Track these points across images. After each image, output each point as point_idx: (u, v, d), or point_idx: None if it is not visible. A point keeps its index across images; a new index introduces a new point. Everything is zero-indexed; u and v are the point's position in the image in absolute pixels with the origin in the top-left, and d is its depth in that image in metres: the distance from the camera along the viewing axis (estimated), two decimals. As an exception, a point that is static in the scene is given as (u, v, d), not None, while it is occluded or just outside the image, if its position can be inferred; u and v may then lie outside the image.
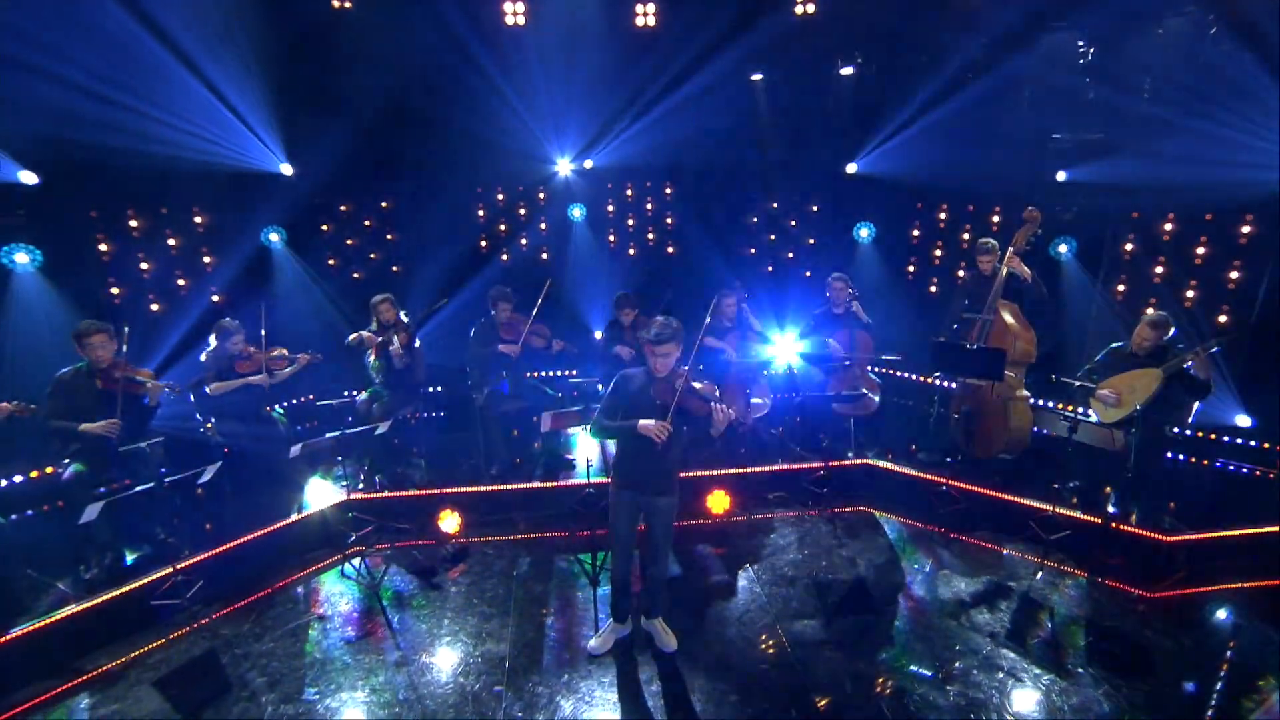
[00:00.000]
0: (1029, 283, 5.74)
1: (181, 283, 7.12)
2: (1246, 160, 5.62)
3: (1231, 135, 5.61)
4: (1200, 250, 6.34)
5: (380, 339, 6.22)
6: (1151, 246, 6.58)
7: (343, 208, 8.16)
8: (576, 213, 8.62)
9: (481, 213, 8.63)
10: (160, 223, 7.06)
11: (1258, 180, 5.59)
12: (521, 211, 8.72)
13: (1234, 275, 6.15)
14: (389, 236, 8.49)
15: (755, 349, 6.51)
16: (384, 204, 8.34)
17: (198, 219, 7.23)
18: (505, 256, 8.70)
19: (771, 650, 4.40)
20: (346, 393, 6.66)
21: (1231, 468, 5.95)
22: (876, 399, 6.45)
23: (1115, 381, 5.25)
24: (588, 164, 8.41)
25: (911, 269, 8.09)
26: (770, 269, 8.73)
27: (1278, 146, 5.51)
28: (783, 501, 6.09)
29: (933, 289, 7.99)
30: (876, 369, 6.70)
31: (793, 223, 8.74)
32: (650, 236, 9.08)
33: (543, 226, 8.78)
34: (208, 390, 5.74)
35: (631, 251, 9.04)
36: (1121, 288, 6.78)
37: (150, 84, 6.08)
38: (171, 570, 4.79)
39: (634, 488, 4.06)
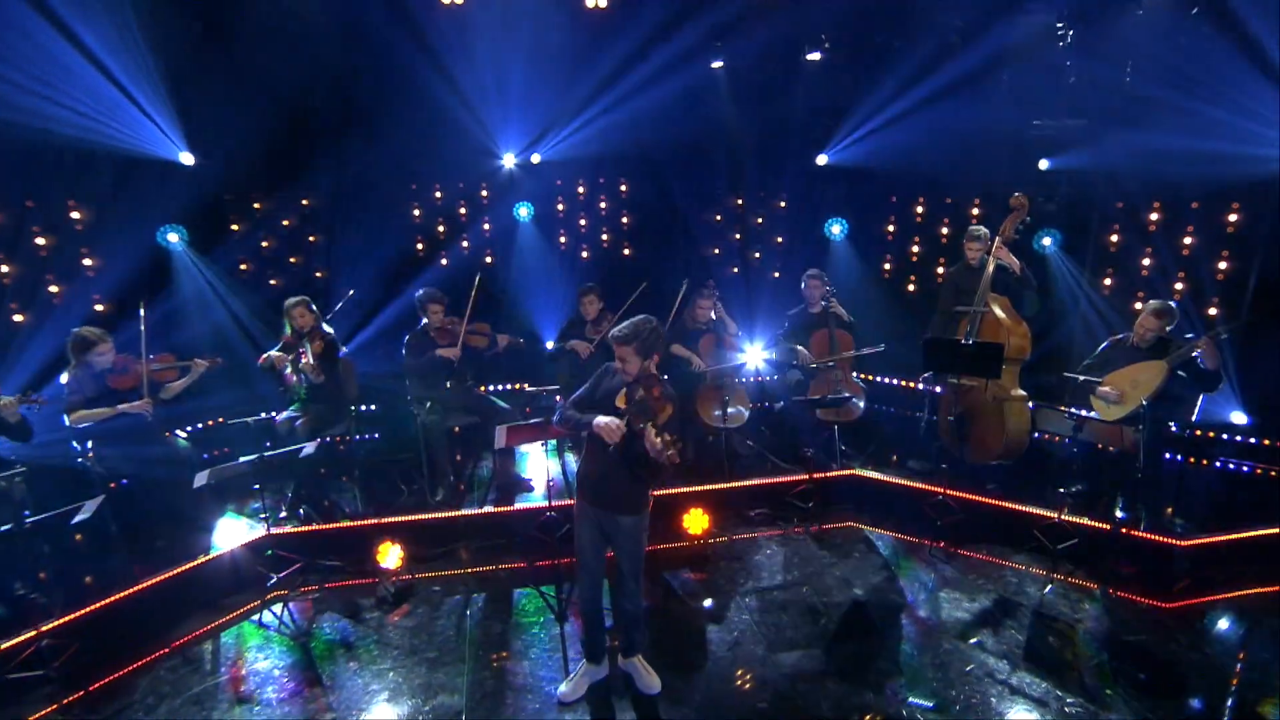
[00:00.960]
0: (1018, 275, 5.63)
1: (54, 289, 6.36)
2: (1231, 142, 5.69)
3: (1215, 117, 5.67)
4: (1187, 240, 6.39)
5: (291, 356, 5.67)
6: (1138, 237, 6.61)
7: (256, 205, 7.56)
8: (523, 212, 8.25)
9: (417, 212, 8.16)
10: (26, 218, 6.27)
11: (1242, 157, 5.65)
12: (462, 211, 8.29)
13: (1223, 266, 6.21)
14: (311, 238, 7.91)
15: (733, 354, 6.26)
16: (305, 201, 7.78)
17: (75, 214, 6.50)
18: (445, 260, 8.24)
19: (767, 686, 4.08)
20: (265, 413, 6.08)
21: (1231, 466, 5.94)
22: (861, 404, 6.27)
23: (1117, 376, 5.17)
24: (535, 158, 8.06)
25: (887, 266, 8.00)
26: (736, 269, 8.52)
27: (1261, 127, 5.57)
28: (765, 519, 5.85)
29: (910, 287, 7.90)
30: (859, 374, 6.49)
31: (759, 220, 8.57)
32: (605, 237, 8.76)
33: (486, 227, 8.36)
34: (67, 421, 4.92)
35: (584, 254, 8.71)
36: (1108, 281, 6.79)
37: (6, 39, 5.26)
38: (34, 634, 4.12)
39: (595, 502, 3.75)
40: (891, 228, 7.98)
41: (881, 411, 6.89)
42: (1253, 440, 6.01)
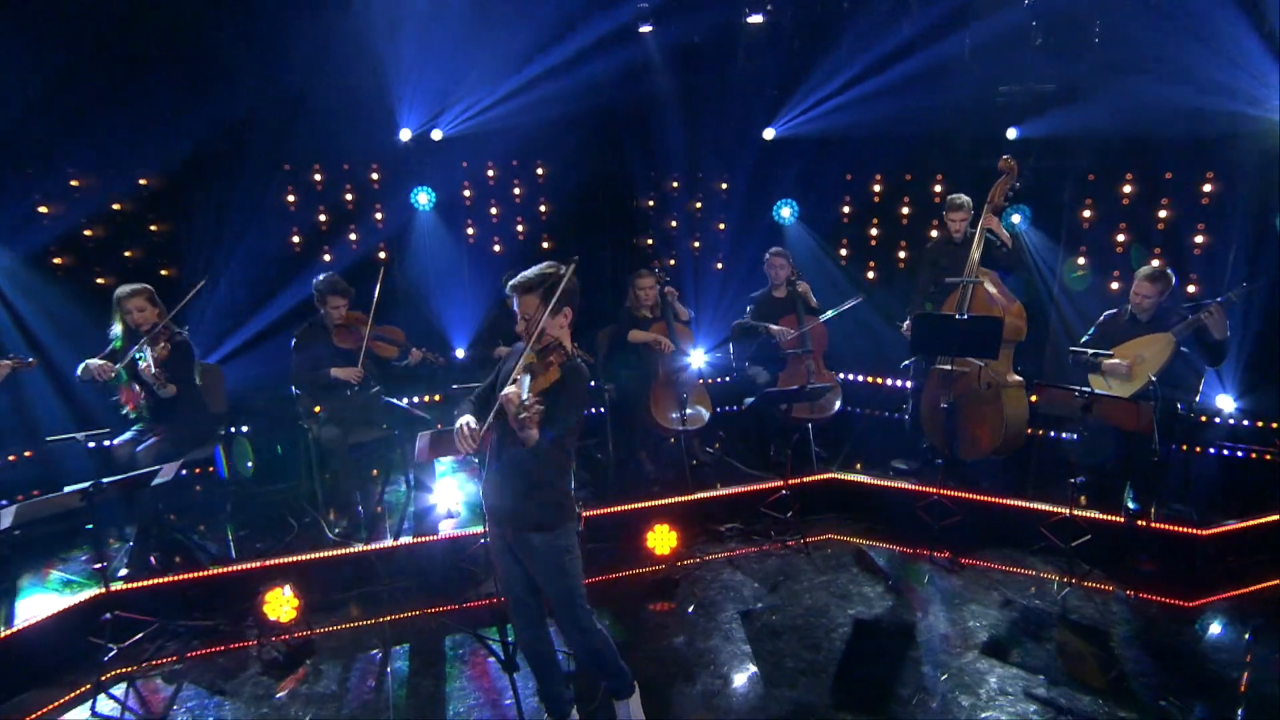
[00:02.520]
0: (1007, 249, 5.50)
1: None
2: (1204, 101, 5.79)
3: (1192, 72, 5.76)
4: (1162, 214, 6.51)
5: (119, 365, 4.74)
6: (1111, 212, 6.69)
7: (75, 182, 6.53)
8: (422, 199, 7.62)
9: (293, 197, 7.36)
10: None
11: (1221, 113, 5.77)
12: (349, 197, 7.56)
13: (1199, 240, 6.34)
14: (152, 226, 6.95)
15: (686, 344, 5.85)
16: (143, 180, 6.80)
17: None
18: (328, 256, 7.46)
19: (780, 730, 3.60)
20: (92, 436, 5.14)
21: (1225, 452, 5.99)
22: (837, 402, 6.03)
23: (1121, 351, 5.07)
24: (436, 135, 7.45)
25: (844, 252, 7.86)
26: (673, 261, 8.17)
27: (1234, 86, 5.71)
28: (739, 534, 5.49)
29: (870, 274, 7.79)
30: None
31: (698, 204, 8.28)
32: (520, 228, 8.26)
33: (378, 216, 7.66)
34: None
35: (497, 248, 8.17)
36: (1082, 260, 6.82)
37: None
38: None
39: (499, 519, 3.22)
40: (847, 209, 7.86)
41: (849, 412, 6.67)
42: (1245, 423, 6.09)
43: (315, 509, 5.43)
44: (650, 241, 8.35)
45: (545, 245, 8.23)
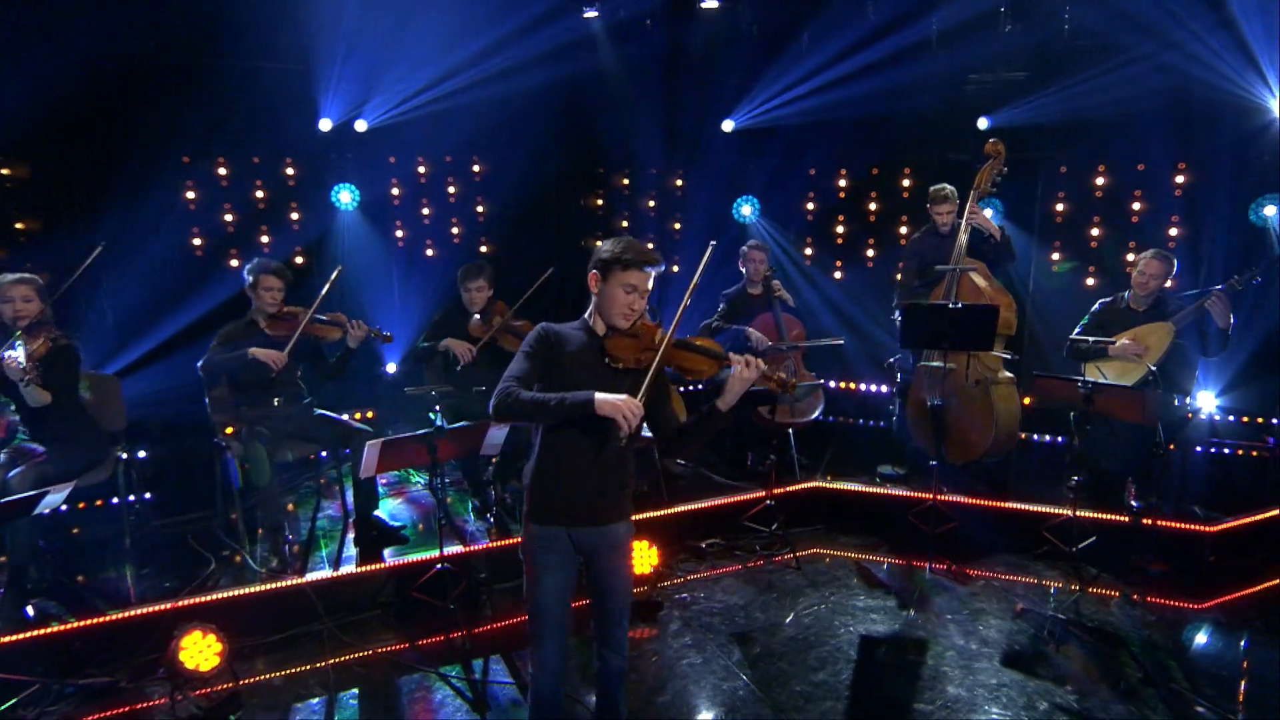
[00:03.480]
0: (997, 241, 5.48)
1: None
2: (1174, 87, 6.01)
3: (1161, 62, 5.96)
4: (1136, 206, 6.66)
5: None
6: (1085, 205, 6.81)
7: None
8: (345, 197, 7.22)
9: (193, 194, 6.83)
10: None
11: (1191, 97, 5.97)
12: (260, 194, 7.07)
13: (1173, 233, 6.49)
14: (19, 225, 6.30)
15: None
16: (7, 170, 6.17)
17: None
18: (236, 261, 6.94)
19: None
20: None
21: (1213, 450, 6.09)
22: (820, 405, 5.93)
23: (1120, 340, 5.07)
24: (360, 125, 7.08)
25: (809, 251, 7.80)
26: None
27: (1208, 65, 5.89)
28: (722, 551, 5.28)
29: (837, 274, 7.75)
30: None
31: (651, 203, 8.11)
32: (455, 231, 7.94)
33: (294, 216, 7.21)
34: None
35: (430, 251, 7.84)
36: (1056, 255, 6.90)
37: None
38: None
39: (576, 520, 2.93)
40: (811, 206, 7.82)
41: (825, 421, 6.57)
42: (1231, 419, 6.22)
43: (236, 540, 4.93)
44: (599, 244, 8.07)
45: (483, 249, 7.95)
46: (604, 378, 2.80)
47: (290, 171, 7.17)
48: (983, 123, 6.73)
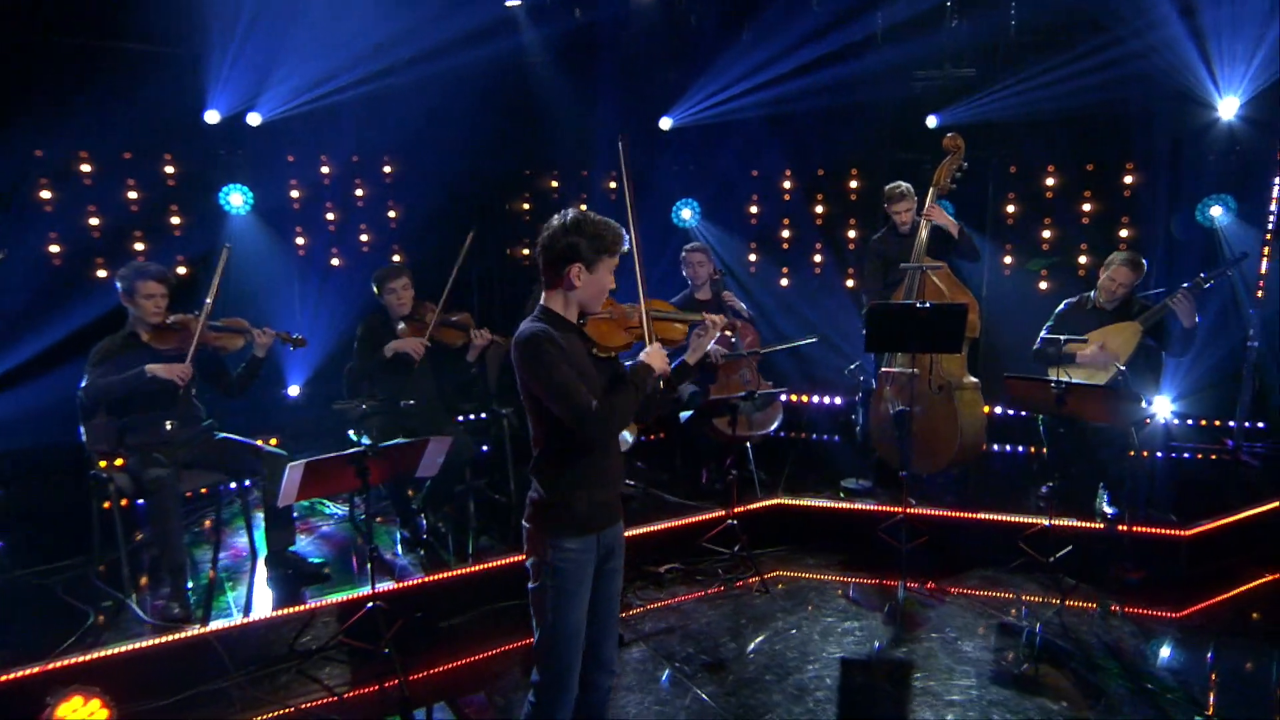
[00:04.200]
0: (957, 240, 5.62)
1: None
2: (1120, 88, 6.32)
3: (1108, 58, 6.23)
4: (1086, 207, 6.95)
5: None
6: (1035, 206, 7.08)
7: None
8: (236, 200, 6.91)
9: (48, 194, 6.38)
10: None
11: (1137, 93, 6.31)
12: (133, 195, 6.67)
13: (1124, 234, 6.80)
14: None
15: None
16: None
17: None
18: (104, 272, 6.52)
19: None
20: None
21: (1173, 455, 6.34)
22: (780, 415, 5.96)
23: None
24: (254, 119, 6.80)
25: (753, 257, 7.84)
26: None
27: (1147, 65, 6.22)
28: (681, 576, 5.20)
29: (784, 281, 7.79)
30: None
31: (583, 207, 7.96)
32: (365, 238, 7.69)
33: (175, 221, 6.84)
34: None
35: (335, 261, 7.57)
36: (1009, 260, 7.14)
37: None
38: None
39: (610, 517, 2.95)
40: (755, 209, 7.87)
41: (779, 436, 6.60)
42: (1189, 422, 6.54)
43: (121, 588, 4.54)
44: (527, 251, 7.99)
45: (396, 258, 7.70)
46: (593, 368, 2.78)
47: (170, 170, 6.79)
48: (932, 121, 6.92)
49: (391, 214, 7.73)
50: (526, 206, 8.12)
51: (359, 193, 7.61)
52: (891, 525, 5.15)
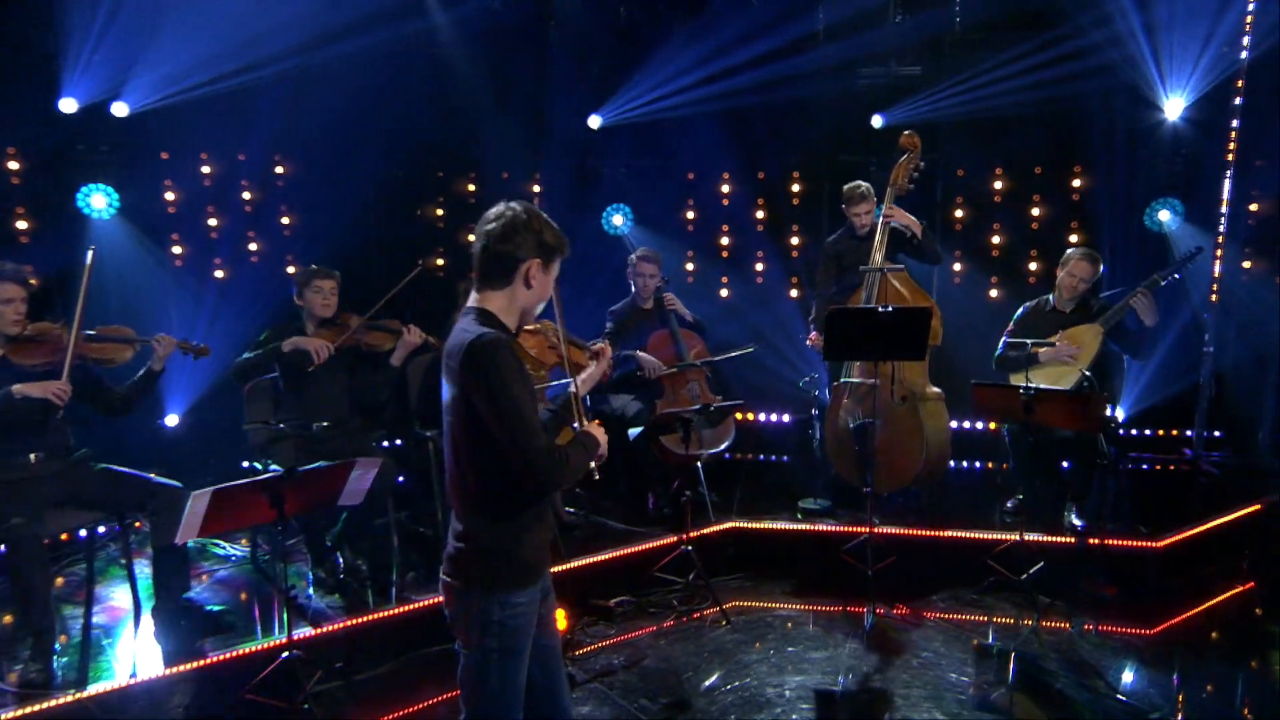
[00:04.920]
0: (919, 241, 5.76)
1: None
2: (1067, 85, 6.63)
3: (1053, 56, 6.57)
4: (1035, 211, 7.26)
5: None
6: (984, 210, 7.35)
7: None
8: (99, 202, 6.62)
9: None
10: None
11: (1085, 90, 6.65)
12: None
13: (1073, 239, 7.11)
14: None
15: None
16: None
17: None
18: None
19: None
20: None
21: (1130, 465, 6.64)
22: (732, 432, 6.02)
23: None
24: (120, 109, 6.53)
25: (690, 266, 7.88)
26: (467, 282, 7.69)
27: (1093, 63, 6.57)
28: (634, 608, 5.15)
29: (724, 292, 7.87)
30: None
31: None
32: (253, 247, 7.43)
33: (21, 226, 6.51)
34: None
35: (219, 273, 7.29)
36: (958, 267, 7.38)
37: None
38: None
39: (547, 563, 2.80)
40: (692, 214, 7.95)
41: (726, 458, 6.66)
42: (1148, 431, 6.86)
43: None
44: (440, 261, 7.87)
45: (290, 269, 7.46)
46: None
47: (14, 166, 6.46)
48: (877, 121, 7.13)
49: (285, 220, 7.50)
50: (440, 213, 7.97)
51: (246, 196, 7.35)
52: (855, 546, 5.21)
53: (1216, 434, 6.89)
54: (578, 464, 2.59)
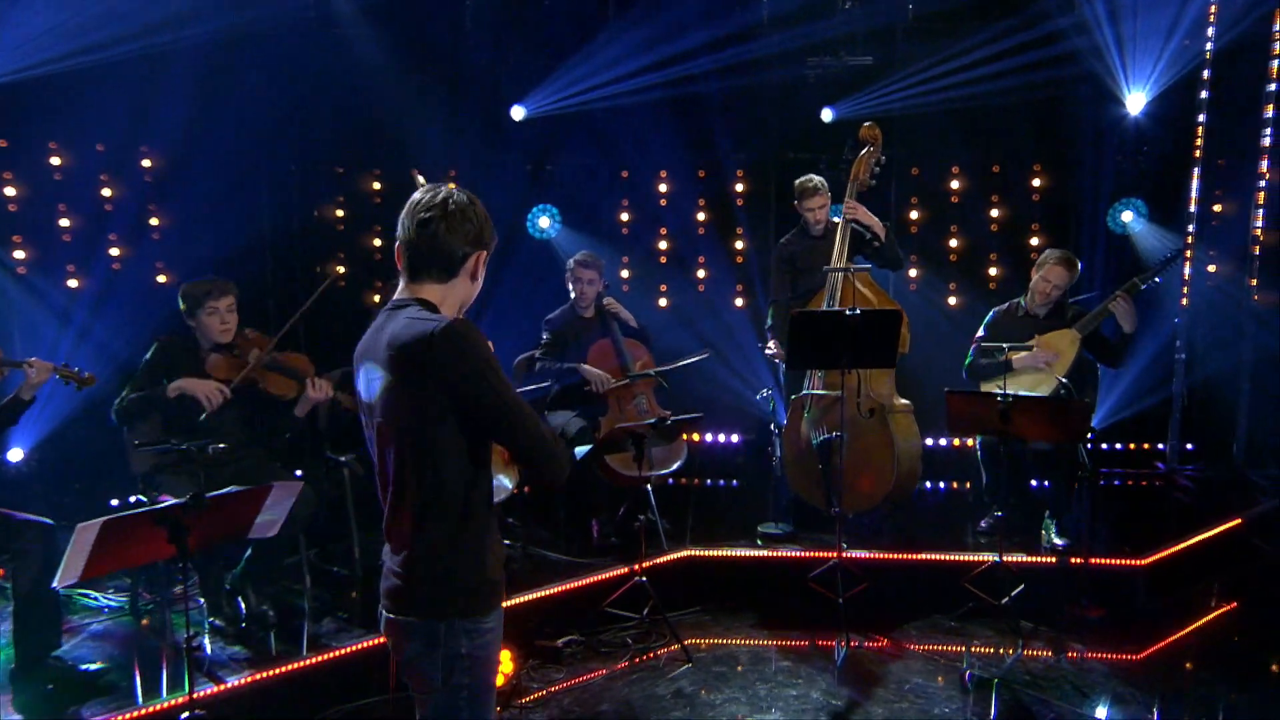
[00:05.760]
0: (882, 242, 5.87)
1: None
2: (1026, 75, 6.92)
3: (1013, 45, 6.86)
4: (994, 213, 7.52)
5: None
6: (941, 211, 7.58)
7: None
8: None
9: None
10: None
11: (1045, 79, 6.94)
12: None
13: (1034, 242, 7.41)
14: None
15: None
16: None
17: None
18: None
19: None
20: None
21: (1101, 482, 6.85)
22: (685, 451, 6.04)
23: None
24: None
25: (625, 274, 7.90)
26: (378, 296, 7.63)
27: (1057, 54, 6.91)
28: (583, 648, 5.11)
29: (662, 301, 7.93)
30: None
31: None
32: (115, 253, 7.19)
33: None
34: None
35: (73, 282, 7.05)
36: (914, 272, 7.58)
37: None
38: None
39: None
40: (626, 216, 8.00)
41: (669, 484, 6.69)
42: (1119, 446, 7.15)
43: None
44: (342, 269, 7.75)
45: (161, 278, 7.25)
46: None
47: None
48: (827, 114, 7.32)
49: (154, 221, 7.28)
50: (340, 214, 7.86)
51: (107, 193, 7.14)
52: (822, 573, 5.27)
53: (1188, 446, 7.22)
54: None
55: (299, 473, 6.23)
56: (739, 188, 7.86)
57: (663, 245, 8.00)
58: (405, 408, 2.41)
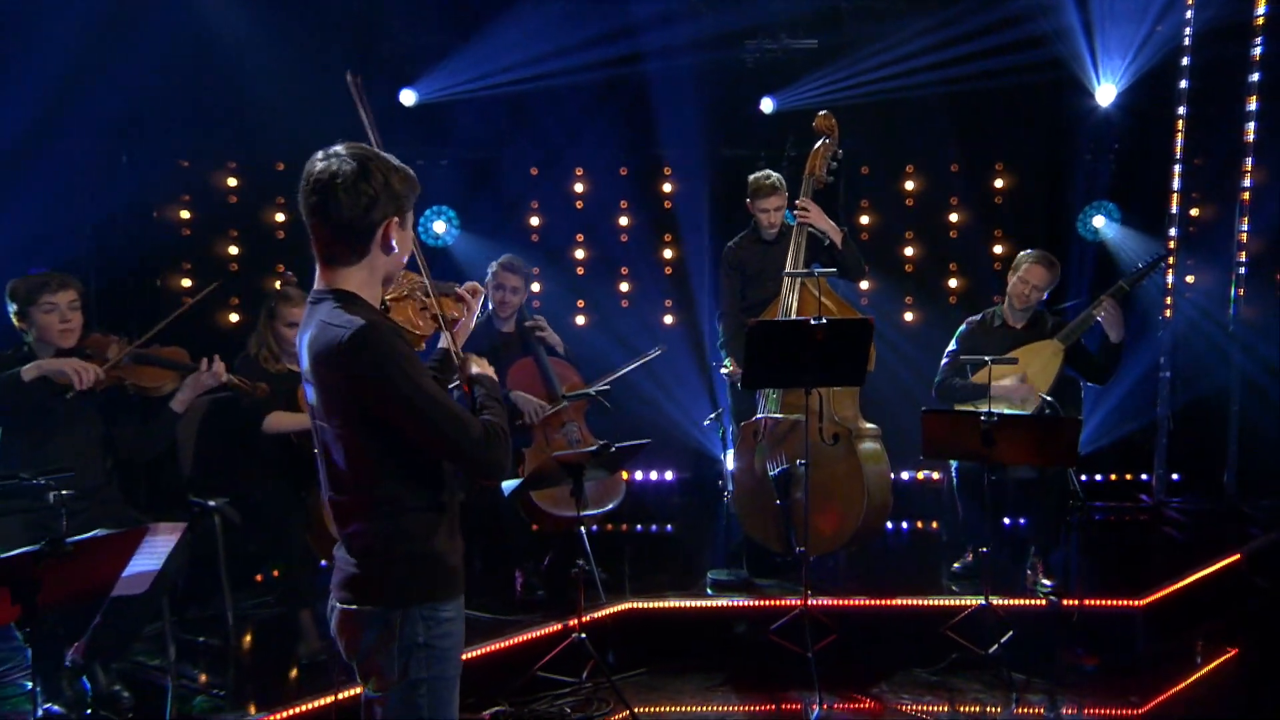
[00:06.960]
0: (840, 249, 5.96)
1: None
2: (986, 62, 7.16)
3: (968, 29, 7.10)
4: (954, 217, 7.75)
5: None
6: (895, 216, 7.78)
7: None
8: None
9: None
10: None
11: (1007, 67, 7.16)
12: None
13: (998, 250, 7.64)
14: None
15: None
16: None
17: None
18: None
19: None
20: None
21: (1097, 516, 7.13)
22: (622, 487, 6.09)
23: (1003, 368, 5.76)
24: None
25: (537, 287, 7.83)
26: (235, 316, 7.67)
27: (1021, 36, 7.13)
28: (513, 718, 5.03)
29: (579, 318, 7.98)
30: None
31: (280, 215, 7.97)
32: None
33: None
34: None
35: None
36: (866, 285, 7.70)
37: None
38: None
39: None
40: (537, 220, 8.02)
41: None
42: (1098, 478, 7.37)
43: None
44: (189, 282, 7.75)
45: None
46: None
47: None
48: (768, 104, 7.46)
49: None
50: (186, 215, 7.78)
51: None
52: (785, 625, 5.30)
53: (1174, 476, 7.50)
54: (504, 427, 2.69)
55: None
56: (667, 188, 7.97)
57: (579, 254, 8.05)
58: (332, 409, 2.58)
